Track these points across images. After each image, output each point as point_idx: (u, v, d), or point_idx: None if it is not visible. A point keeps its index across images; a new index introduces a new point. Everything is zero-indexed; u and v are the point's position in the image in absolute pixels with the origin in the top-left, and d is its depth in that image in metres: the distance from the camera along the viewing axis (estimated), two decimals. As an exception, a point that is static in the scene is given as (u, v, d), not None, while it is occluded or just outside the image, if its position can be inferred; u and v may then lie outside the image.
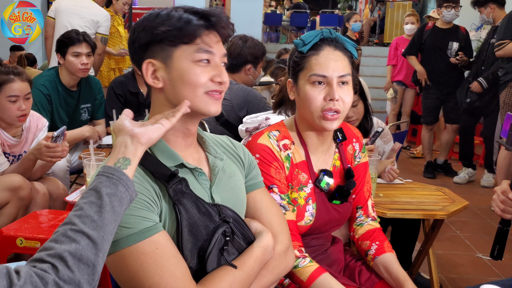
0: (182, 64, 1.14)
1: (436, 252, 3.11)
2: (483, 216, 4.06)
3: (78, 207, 0.93)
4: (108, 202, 0.94)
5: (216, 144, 1.32)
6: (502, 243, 1.62)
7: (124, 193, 0.97)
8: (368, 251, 1.61)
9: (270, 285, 1.28)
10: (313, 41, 1.50)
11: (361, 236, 1.66)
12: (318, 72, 1.47)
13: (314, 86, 1.48)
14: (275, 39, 12.34)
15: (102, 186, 0.95)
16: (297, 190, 1.55)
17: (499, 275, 3.02)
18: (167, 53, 1.14)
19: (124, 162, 1.00)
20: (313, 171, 1.58)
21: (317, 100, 1.48)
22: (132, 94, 3.43)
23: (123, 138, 1.04)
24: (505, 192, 1.53)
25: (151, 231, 1.07)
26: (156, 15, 1.15)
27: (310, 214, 1.55)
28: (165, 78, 1.15)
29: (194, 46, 1.14)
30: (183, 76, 1.14)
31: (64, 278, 0.84)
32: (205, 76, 1.15)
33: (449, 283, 2.89)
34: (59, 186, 2.59)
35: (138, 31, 1.16)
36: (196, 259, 1.13)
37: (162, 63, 1.15)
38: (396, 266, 1.54)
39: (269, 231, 1.26)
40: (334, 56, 1.48)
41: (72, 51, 3.05)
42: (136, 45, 1.17)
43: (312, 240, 1.61)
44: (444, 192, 2.42)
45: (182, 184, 1.13)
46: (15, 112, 2.43)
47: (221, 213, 1.18)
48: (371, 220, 1.70)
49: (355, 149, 1.70)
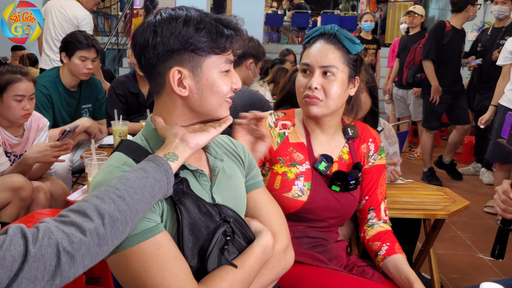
0: (211, 74, 1.15)
1: (437, 252, 3.12)
2: (484, 217, 4.06)
3: (124, 178, 0.99)
4: (153, 183, 1.00)
5: (216, 144, 1.32)
6: (503, 242, 1.63)
7: (164, 185, 1.03)
8: (379, 252, 1.61)
9: (270, 284, 1.28)
10: (312, 35, 1.62)
11: (372, 237, 1.66)
12: (304, 61, 1.60)
13: (302, 74, 1.61)
14: (277, 40, 12.35)
15: (151, 169, 1.02)
16: (288, 166, 1.61)
17: (500, 275, 3.02)
18: (197, 62, 1.13)
19: (173, 156, 1.07)
20: (312, 154, 1.63)
21: (301, 87, 1.60)
22: (133, 94, 3.44)
23: (173, 138, 1.11)
24: (506, 192, 1.54)
25: (153, 232, 1.07)
26: (183, 21, 1.11)
27: (299, 189, 1.58)
28: (192, 87, 1.15)
29: (223, 57, 1.15)
30: (213, 87, 1.15)
31: (99, 231, 0.90)
32: (229, 85, 1.18)
33: (450, 283, 2.89)
34: (61, 186, 2.59)
35: (163, 36, 1.11)
36: (196, 259, 1.13)
37: (190, 71, 1.14)
38: (407, 267, 1.55)
39: (269, 230, 1.27)
40: (323, 48, 1.57)
41: (80, 54, 3.07)
42: (159, 50, 1.12)
43: (312, 231, 1.62)
44: (445, 192, 2.42)
45: (183, 184, 1.14)
46: (19, 111, 2.45)
47: (222, 213, 1.19)
48: (383, 223, 1.70)
49: (370, 149, 1.72)
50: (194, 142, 1.11)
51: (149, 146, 1.18)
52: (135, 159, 1.13)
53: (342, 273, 1.52)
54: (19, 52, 6.62)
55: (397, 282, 1.54)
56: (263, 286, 1.26)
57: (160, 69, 1.14)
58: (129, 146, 1.18)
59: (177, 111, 1.17)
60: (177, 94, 1.15)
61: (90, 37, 3.15)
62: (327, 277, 1.48)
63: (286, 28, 12.48)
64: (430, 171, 5.01)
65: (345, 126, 1.69)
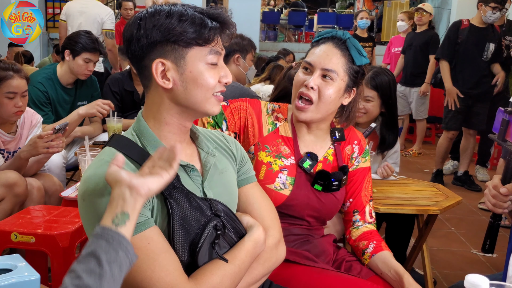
0: (196, 66, 1.14)
1: (431, 248, 3.13)
2: (478, 213, 4.08)
3: (76, 275, 0.89)
4: (108, 270, 0.89)
5: (208, 139, 1.33)
6: (493, 237, 1.63)
7: (124, 258, 0.93)
8: (366, 250, 1.63)
9: (261, 278, 1.29)
10: (323, 36, 1.61)
11: (358, 237, 1.67)
12: (308, 59, 1.59)
13: (302, 71, 1.60)
14: (273, 38, 12.34)
15: (101, 252, 0.91)
16: (274, 156, 1.61)
17: (493, 271, 3.03)
18: (180, 53, 1.13)
19: (122, 218, 0.96)
20: (298, 151, 1.63)
21: (298, 83, 1.59)
22: (128, 92, 3.45)
23: (120, 190, 0.98)
24: (496, 187, 1.54)
25: (143, 226, 1.07)
26: (166, 14, 1.12)
27: (281, 182, 1.59)
28: (176, 79, 1.15)
29: (207, 48, 1.14)
30: (197, 78, 1.14)
31: None
32: (216, 78, 1.17)
33: (443, 279, 2.91)
34: (55, 182, 2.59)
35: (146, 28, 1.12)
36: (187, 253, 1.14)
37: (174, 63, 1.14)
38: (395, 262, 1.56)
39: (260, 225, 1.28)
40: (329, 51, 1.56)
41: (85, 56, 3.09)
42: (142, 42, 1.13)
43: (296, 229, 1.63)
44: (438, 188, 2.43)
45: (173, 178, 1.14)
46: (11, 108, 2.44)
47: (213, 207, 1.19)
48: (368, 224, 1.71)
49: (354, 150, 1.72)
50: (146, 189, 0.98)
51: (140, 141, 1.19)
52: (126, 154, 1.13)
53: (332, 272, 1.52)
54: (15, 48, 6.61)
55: (385, 277, 1.55)
56: (254, 281, 1.27)
57: (146, 62, 1.15)
58: (120, 141, 1.18)
59: (165, 105, 1.18)
60: (162, 87, 1.15)
61: (97, 40, 3.18)
62: (317, 277, 1.48)
63: (282, 26, 12.49)
64: (437, 173, 4.78)
65: (333, 128, 1.69)
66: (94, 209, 1.07)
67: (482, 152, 5.15)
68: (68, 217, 2.10)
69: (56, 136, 2.38)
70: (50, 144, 2.37)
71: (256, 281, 1.28)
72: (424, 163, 5.68)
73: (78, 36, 3.13)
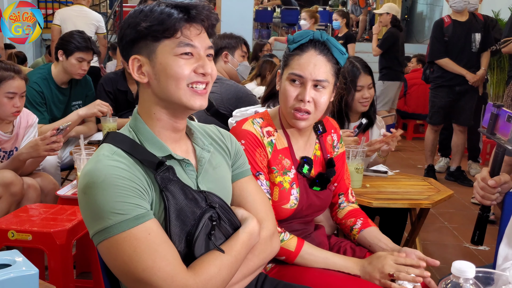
0: (165, 58, 1.17)
1: (424, 242, 3.17)
2: (471, 208, 4.12)
3: None
4: None
5: (203, 135, 1.35)
6: (482, 228, 1.67)
7: None
8: (354, 226, 1.72)
9: (257, 269, 1.32)
10: (301, 41, 1.55)
11: (345, 216, 1.77)
12: (296, 71, 1.54)
13: (291, 84, 1.56)
14: (266, 36, 12.32)
15: None
16: (282, 174, 1.61)
17: (485, 263, 3.07)
18: (151, 48, 1.18)
19: None
20: (295, 158, 1.65)
21: (291, 98, 1.55)
22: (121, 92, 3.47)
23: None
24: (485, 179, 1.57)
25: (144, 218, 1.10)
26: (140, 11, 1.18)
27: (294, 198, 1.61)
28: (150, 73, 1.19)
29: (175, 40, 1.17)
30: (166, 70, 1.17)
31: None
32: (188, 68, 1.17)
33: (436, 272, 2.94)
34: (51, 181, 2.61)
35: (124, 28, 1.20)
36: (184, 244, 1.16)
37: (147, 58, 1.18)
38: (384, 235, 1.67)
39: (254, 217, 1.30)
40: (315, 60, 1.53)
41: (78, 56, 3.11)
42: (123, 42, 1.21)
43: (296, 224, 1.67)
44: (430, 182, 2.47)
45: (169, 171, 1.17)
46: (10, 108, 2.46)
47: (208, 199, 1.22)
48: (351, 203, 1.82)
49: (334, 139, 1.78)
50: None
51: (137, 138, 1.21)
52: (124, 150, 1.16)
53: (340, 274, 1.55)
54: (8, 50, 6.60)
55: (375, 248, 1.63)
56: (250, 272, 1.30)
57: (128, 61, 1.21)
58: (116, 137, 1.21)
59: (151, 101, 1.22)
60: (140, 82, 1.21)
61: (89, 39, 3.20)
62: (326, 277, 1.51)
63: (275, 24, 12.49)
64: (429, 169, 4.82)
65: (315, 123, 1.71)
66: (95, 202, 1.09)
67: (471, 147, 5.21)
68: (65, 215, 2.12)
69: (57, 138, 2.40)
70: (51, 146, 2.39)
71: (252, 273, 1.30)
72: (417, 159, 5.72)
73: (71, 36, 3.15)
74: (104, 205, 1.08)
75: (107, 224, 1.08)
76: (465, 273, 0.90)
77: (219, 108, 2.65)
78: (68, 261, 2.01)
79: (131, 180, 1.11)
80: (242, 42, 3.09)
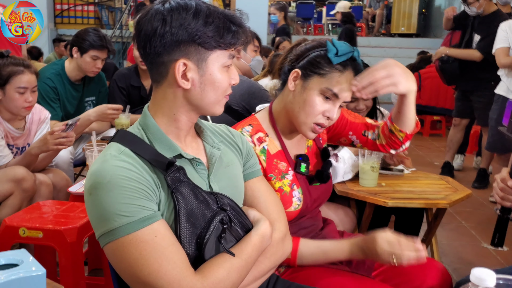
0: (215, 69, 1.15)
1: (441, 242, 3.11)
2: (489, 206, 4.04)
3: None
4: None
5: (214, 133, 1.33)
6: (503, 231, 1.62)
7: None
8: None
9: (268, 272, 1.29)
10: (345, 57, 1.51)
11: (383, 134, 1.72)
12: (335, 90, 1.50)
13: (323, 98, 1.52)
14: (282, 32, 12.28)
15: None
16: (280, 179, 1.57)
17: (504, 264, 3.00)
18: (202, 56, 1.13)
19: None
20: (290, 159, 1.62)
21: (318, 112, 1.52)
22: (134, 88, 3.45)
23: None
24: (504, 180, 1.53)
25: (150, 220, 1.07)
26: (193, 13, 1.11)
27: (297, 199, 1.58)
28: (195, 80, 1.15)
29: (227, 52, 1.16)
30: (215, 81, 1.15)
31: None
32: (229, 80, 1.19)
33: (453, 273, 2.88)
34: (63, 177, 2.61)
35: (172, 26, 1.10)
36: (194, 247, 1.14)
37: (195, 65, 1.14)
38: None
39: (267, 219, 1.27)
40: (351, 81, 1.52)
41: (93, 54, 3.10)
42: (166, 39, 1.11)
43: (305, 221, 1.64)
44: (447, 181, 2.41)
45: (179, 172, 1.14)
46: (22, 103, 2.47)
47: (219, 201, 1.19)
48: (377, 127, 1.76)
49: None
50: None
51: (146, 136, 1.18)
52: (132, 149, 1.13)
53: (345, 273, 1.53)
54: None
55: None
56: (261, 275, 1.27)
57: (165, 59, 1.14)
58: (125, 136, 1.18)
59: (177, 103, 1.18)
60: (179, 86, 1.15)
61: (105, 37, 3.17)
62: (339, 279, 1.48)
63: (291, 19, 12.42)
64: (446, 165, 4.81)
65: None
66: (100, 203, 1.07)
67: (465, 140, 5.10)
68: (76, 212, 2.11)
69: (67, 133, 2.40)
70: (60, 141, 2.38)
71: (263, 275, 1.28)
72: (434, 156, 5.64)
73: (86, 33, 3.14)
74: (109, 206, 1.05)
75: (113, 226, 1.06)
76: (485, 281, 0.86)
77: (232, 104, 2.62)
78: (79, 258, 2.00)
79: (138, 181, 1.08)
80: (254, 36, 3.06)
